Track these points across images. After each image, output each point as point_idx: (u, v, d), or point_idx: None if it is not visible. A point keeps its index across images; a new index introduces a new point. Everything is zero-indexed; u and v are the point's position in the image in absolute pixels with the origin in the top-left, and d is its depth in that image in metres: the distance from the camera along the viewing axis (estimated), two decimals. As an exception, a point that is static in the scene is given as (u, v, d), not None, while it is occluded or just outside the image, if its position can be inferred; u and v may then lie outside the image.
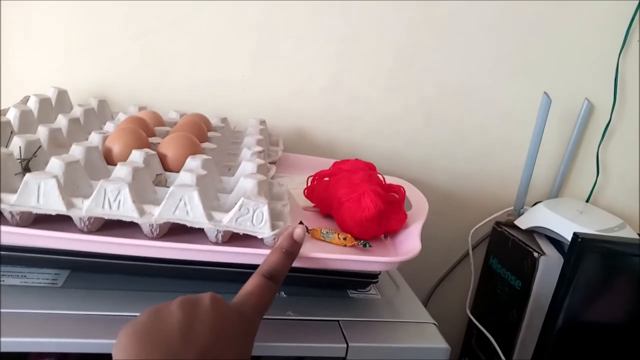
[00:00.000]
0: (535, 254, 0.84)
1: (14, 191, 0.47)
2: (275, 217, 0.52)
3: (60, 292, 0.51)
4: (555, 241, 0.88)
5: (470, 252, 0.97)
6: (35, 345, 0.44)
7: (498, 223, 0.98)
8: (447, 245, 1.05)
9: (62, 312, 0.48)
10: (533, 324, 0.85)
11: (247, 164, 0.61)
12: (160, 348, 0.35)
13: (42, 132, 0.60)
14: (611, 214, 0.93)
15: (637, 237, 0.86)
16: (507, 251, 0.92)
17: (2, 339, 0.43)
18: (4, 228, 0.45)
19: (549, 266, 0.83)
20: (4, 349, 0.43)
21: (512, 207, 0.98)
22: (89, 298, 0.50)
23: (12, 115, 0.63)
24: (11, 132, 0.60)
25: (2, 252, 0.48)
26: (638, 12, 0.92)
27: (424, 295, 1.08)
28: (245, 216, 0.49)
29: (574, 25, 0.94)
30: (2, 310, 0.46)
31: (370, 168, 0.70)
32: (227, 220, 0.49)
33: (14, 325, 0.45)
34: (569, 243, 0.82)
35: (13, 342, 0.43)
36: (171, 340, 0.36)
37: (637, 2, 0.92)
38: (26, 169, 0.53)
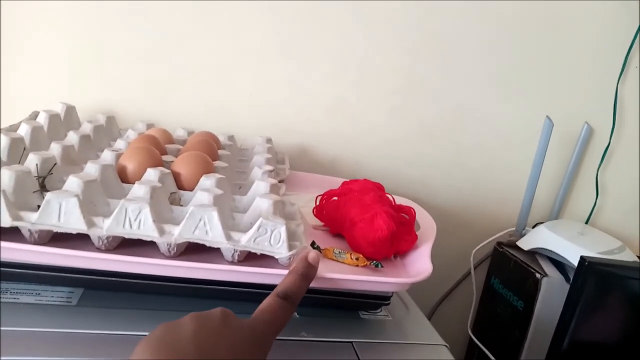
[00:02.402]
0: (538, 275, 0.85)
1: (33, 209, 0.47)
2: (290, 237, 0.52)
3: (75, 310, 0.50)
4: (556, 262, 0.89)
5: (472, 272, 0.98)
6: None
7: (499, 243, 0.98)
8: (449, 264, 1.05)
9: (77, 331, 0.47)
10: (535, 344, 0.86)
11: (260, 184, 0.61)
12: (175, 358, 0.35)
13: (55, 149, 0.60)
14: (610, 235, 0.95)
15: (636, 259, 0.87)
16: (509, 272, 0.93)
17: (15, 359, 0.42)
18: (24, 246, 0.45)
19: (551, 287, 0.84)
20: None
21: (513, 228, 0.99)
22: (104, 317, 0.50)
23: (23, 131, 0.63)
24: (24, 149, 0.60)
25: (20, 270, 0.48)
26: (637, 38, 0.95)
27: (425, 314, 1.07)
28: (263, 236, 0.49)
29: (574, 50, 0.96)
30: (16, 329, 0.46)
31: (379, 188, 0.70)
32: (245, 240, 0.49)
33: (27, 345, 0.44)
34: (571, 264, 0.83)
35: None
36: (186, 350, 0.36)
37: (636, 28, 0.94)
38: (42, 187, 0.53)
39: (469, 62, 0.95)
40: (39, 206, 0.47)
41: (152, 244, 0.49)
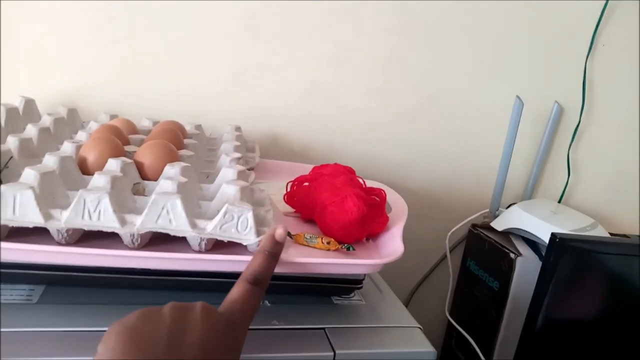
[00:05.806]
0: (512, 255, 0.85)
1: (-13, 204, 0.45)
2: (259, 223, 0.51)
3: (36, 308, 0.49)
4: (530, 242, 0.89)
5: (448, 254, 0.98)
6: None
7: (474, 225, 0.98)
8: (425, 248, 1.05)
9: (39, 330, 0.46)
10: (512, 324, 0.86)
11: (227, 171, 0.60)
12: (146, 353, 0.34)
13: (12, 142, 0.58)
14: (583, 213, 0.95)
15: (609, 235, 0.88)
16: (484, 253, 0.93)
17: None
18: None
19: (526, 267, 0.84)
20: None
21: (487, 210, 1.00)
22: (67, 314, 0.48)
23: (-21, 125, 0.61)
24: (-21, 143, 0.58)
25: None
26: (603, 16, 0.95)
27: (403, 299, 1.08)
28: (229, 223, 0.48)
29: (543, 30, 0.96)
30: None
31: (349, 172, 0.69)
32: (211, 228, 0.48)
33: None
34: (544, 243, 0.83)
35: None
36: (158, 346, 0.35)
37: (602, 7, 0.94)
38: (-3, 181, 0.51)
39: (444, 44, 0.94)
40: (-7, 200, 0.45)
41: (115, 236, 0.48)
